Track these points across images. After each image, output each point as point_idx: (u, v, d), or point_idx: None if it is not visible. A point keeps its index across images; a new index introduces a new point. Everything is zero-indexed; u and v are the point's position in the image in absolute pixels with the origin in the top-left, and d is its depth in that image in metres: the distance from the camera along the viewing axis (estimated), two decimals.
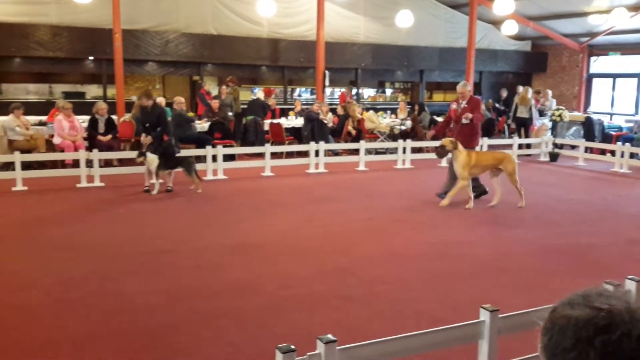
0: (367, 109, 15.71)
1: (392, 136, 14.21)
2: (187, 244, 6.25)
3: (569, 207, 8.54)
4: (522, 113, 14.91)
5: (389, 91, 21.80)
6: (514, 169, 8.19)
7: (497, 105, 18.16)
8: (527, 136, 14.77)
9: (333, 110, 15.12)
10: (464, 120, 8.45)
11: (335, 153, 13.18)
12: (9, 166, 9.86)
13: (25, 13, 14.28)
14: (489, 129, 15.14)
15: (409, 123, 14.77)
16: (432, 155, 13.26)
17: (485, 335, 2.86)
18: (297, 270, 5.43)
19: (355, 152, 12.42)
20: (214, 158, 10.59)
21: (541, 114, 15.74)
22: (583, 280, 5.07)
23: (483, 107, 12.96)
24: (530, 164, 12.77)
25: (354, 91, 18.29)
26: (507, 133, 16.69)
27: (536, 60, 21.04)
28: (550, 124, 14.94)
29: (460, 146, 8.09)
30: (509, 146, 13.59)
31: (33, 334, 3.97)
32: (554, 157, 13.59)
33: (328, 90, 17.86)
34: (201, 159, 10.62)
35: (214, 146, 10.98)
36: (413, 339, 2.78)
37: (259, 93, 15.49)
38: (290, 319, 4.29)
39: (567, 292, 1.14)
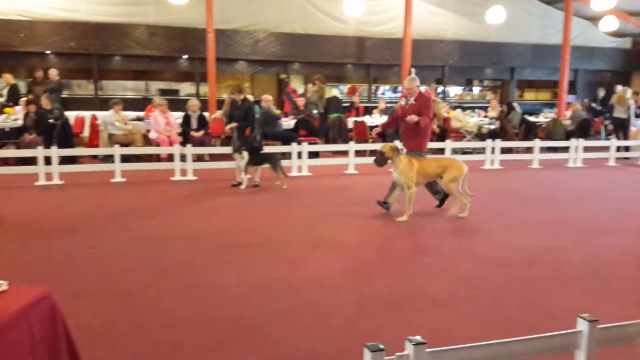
0: (454, 108, 15.38)
1: (480, 136, 13.83)
2: (272, 238, 6.38)
3: None
4: (619, 113, 14.05)
5: (476, 89, 21.22)
6: (457, 177, 7.32)
7: (593, 105, 17.25)
8: (625, 138, 13.92)
9: None
10: (407, 119, 7.48)
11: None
12: (109, 159, 10.48)
13: (125, 14, 15.12)
14: (585, 130, 14.41)
15: (498, 122, 14.33)
16: (523, 156, 12.84)
17: (582, 346, 2.72)
18: (382, 269, 5.41)
19: (440, 151, 12.20)
20: (299, 155, 10.75)
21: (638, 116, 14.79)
22: None
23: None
24: (629, 168, 12.02)
25: (440, 89, 17.95)
26: (603, 134, 15.81)
27: (636, 59, 19.77)
28: None
29: (401, 153, 7.33)
30: (606, 148, 12.89)
31: (129, 318, 4.20)
32: None
33: None
34: (286, 155, 10.81)
35: (299, 143, 11.15)
36: (504, 346, 2.69)
37: (333, 91, 15.57)
38: (374, 318, 4.29)
39: None
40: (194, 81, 16.89)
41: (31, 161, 9.66)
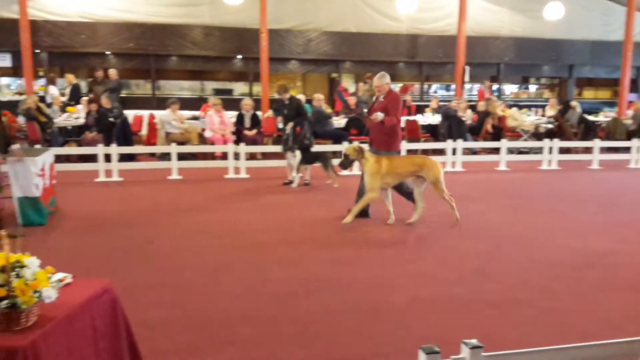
0: (509, 106, 15.03)
1: (537, 135, 13.46)
2: (324, 237, 6.40)
3: None
4: None
5: (533, 87, 20.66)
6: (438, 176, 6.88)
7: None
8: None
9: (472, 107, 14.65)
10: (372, 117, 7.04)
11: (474, 152, 12.77)
12: (166, 156, 10.75)
13: (181, 14, 15.48)
14: None
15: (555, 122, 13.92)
16: (582, 157, 12.42)
17: None
18: (434, 270, 5.34)
19: (495, 151, 11.94)
20: None
21: None
22: None
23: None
24: None
25: (495, 87, 17.58)
26: None
27: None
28: None
29: (367, 153, 6.85)
30: None
31: (186, 312, 4.30)
32: None
33: (467, 87, 17.32)
34: (337, 154, 10.80)
35: (350, 142, 11.12)
36: (564, 352, 2.61)
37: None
38: (428, 319, 4.24)
39: None
40: (247, 81, 17.13)
41: (92, 158, 10.02)
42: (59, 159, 9.70)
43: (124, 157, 10.52)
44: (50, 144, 10.66)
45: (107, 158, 9.84)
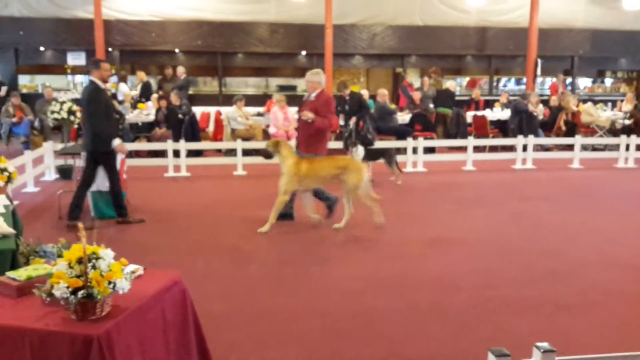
0: (584, 101, 14.39)
1: (613, 131, 12.83)
2: (387, 234, 6.34)
3: None
4: None
5: (609, 81, 19.70)
6: (358, 184, 6.30)
7: None
8: None
9: (544, 102, 14.12)
10: (302, 115, 6.61)
11: (546, 148, 12.32)
12: (232, 152, 10.94)
13: (248, 12, 15.72)
14: None
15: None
16: None
17: None
18: (503, 270, 5.18)
19: (569, 147, 11.46)
20: (414, 150, 10.58)
21: None
22: None
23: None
24: None
25: (568, 81, 16.89)
26: None
27: None
28: None
29: (286, 150, 6.40)
30: None
31: (251, 305, 4.36)
32: None
33: (538, 80, 16.72)
34: (401, 150, 10.68)
35: (414, 138, 10.97)
36: None
37: (448, 83, 15.04)
38: (495, 321, 4.11)
39: None
40: None
41: (161, 154, 10.33)
42: (130, 154, 10.05)
43: (192, 153, 10.79)
44: (121, 140, 11.06)
45: (176, 154, 10.12)
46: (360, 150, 9.08)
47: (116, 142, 6.45)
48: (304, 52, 16.42)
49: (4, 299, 2.64)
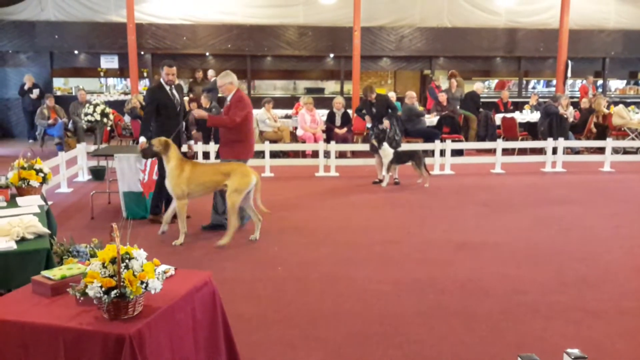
0: (615, 103, 14.11)
1: None
2: (414, 237, 6.32)
3: None
4: None
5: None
6: (239, 186, 5.86)
7: None
8: None
9: (574, 104, 13.88)
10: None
11: (576, 151, 12.12)
12: (260, 154, 11.03)
13: (277, 15, 15.83)
14: None
15: None
16: None
17: None
18: (532, 275, 5.12)
19: (600, 150, 11.26)
20: (442, 153, 10.52)
21: None
22: None
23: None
24: None
25: (599, 83, 16.58)
26: None
27: None
28: None
29: (173, 151, 5.94)
30: None
31: (279, 307, 4.40)
32: None
33: (569, 82, 16.46)
34: (429, 153, 10.63)
35: (442, 140, 10.91)
36: None
37: (474, 85, 14.80)
38: (524, 326, 4.07)
39: None
40: (338, 79, 17.22)
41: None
42: None
43: (217, 155, 10.89)
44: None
45: (206, 155, 10.24)
46: (388, 152, 9.05)
47: (140, 139, 6.59)
48: (332, 55, 16.44)
49: (39, 298, 2.71)
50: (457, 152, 11.16)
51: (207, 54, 16.19)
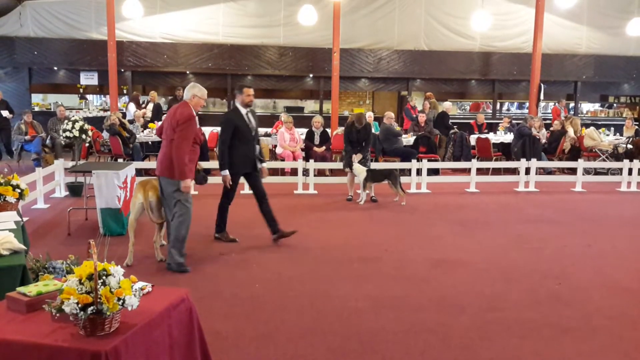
0: (587, 125, 14.48)
1: (616, 156, 12.89)
2: (391, 254, 6.39)
3: None
4: None
5: (612, 106, 19.83)
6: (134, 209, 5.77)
7: None
8: None
9: (546, 126, 14.21)
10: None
11: (548, 172, 12.37)
12: None
13: (258, 35, 16.01)
14: None
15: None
16: None
17: None
18: (505, 293, 5.22)
19: (571, 171, 11.51)
20: (419, 172, 10.66)
21: None
22: None
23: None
24: None
25: (571, 105, 17.01)
26: None
27: None
28: None
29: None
30: None
31: (256, 325, 4.41)
32: None
33: (541, 105, 16.86)
34: (406, 172, 10.76)
35: (419, 160, 11.05)
36: None
37: (444, 105, 14.96)
38: (497, 344, 4.15)
39: None
40: (317, 98, 17.40)
41: None
42: (140, 172, 10.16)
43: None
44: (132, 158, 11.20)
45: None
46: (359, 169, 9.13)
47: (223, 173, 6.71)
48: (311, 75, 16.62)
49: (14, 314, 2.70)
50: (433, 172, 11.32)
51: (188, 72, 16.25)
